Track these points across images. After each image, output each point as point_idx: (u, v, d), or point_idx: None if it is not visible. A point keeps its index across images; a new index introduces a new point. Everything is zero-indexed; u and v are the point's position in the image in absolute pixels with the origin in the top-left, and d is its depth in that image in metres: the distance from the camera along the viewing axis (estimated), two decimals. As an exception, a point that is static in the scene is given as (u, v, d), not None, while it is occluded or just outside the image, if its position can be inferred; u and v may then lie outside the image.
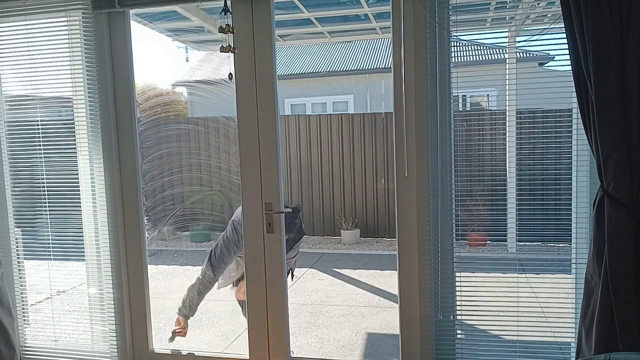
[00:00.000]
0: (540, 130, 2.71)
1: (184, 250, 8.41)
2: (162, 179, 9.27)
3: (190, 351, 3.09)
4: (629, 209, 1.91)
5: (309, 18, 4.20)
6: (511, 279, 2.47)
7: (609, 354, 1.56)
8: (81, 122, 2.81)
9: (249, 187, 2.73)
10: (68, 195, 2.87)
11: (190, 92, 12.48)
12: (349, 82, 11.47)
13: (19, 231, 3.01)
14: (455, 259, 2.48)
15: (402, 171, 2.49)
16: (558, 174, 2.63)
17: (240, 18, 2.62)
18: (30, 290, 3.09)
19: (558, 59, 2.19)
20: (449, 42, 2.36)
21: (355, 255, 7.65)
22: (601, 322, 1.95)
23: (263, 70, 2.63)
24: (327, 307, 5.36)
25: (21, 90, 2.94)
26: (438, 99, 2.39)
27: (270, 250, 2.74)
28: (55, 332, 3.01)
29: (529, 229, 2.65)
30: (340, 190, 8.60)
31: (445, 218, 2.45)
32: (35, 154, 2.89)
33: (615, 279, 1.91)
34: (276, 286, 2.76)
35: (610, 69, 1.86)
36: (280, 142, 2.72)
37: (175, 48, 16.13)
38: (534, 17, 2.60)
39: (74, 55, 2.75)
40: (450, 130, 2.41)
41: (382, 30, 4.74)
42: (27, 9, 2.75)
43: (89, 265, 2.89)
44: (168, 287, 6.31)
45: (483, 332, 2.56)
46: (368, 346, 4.35)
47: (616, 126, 1.88)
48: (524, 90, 2.41)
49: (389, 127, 8.09)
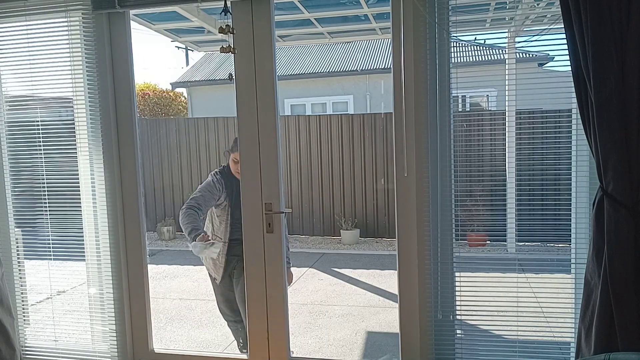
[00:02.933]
0: (540, 131, 2.71)
1: (184, 250, 8.41)
2: (162, 179, 9.28)
3: (190, 351, 3.09)
4: (629, 209, 1.91)
5: (309, 19, 4.20)
6: (511, 279, 2.47)
7: (609, 354, 1.56)
8: (81, 123, 2.81)
9: (249, 187, 2.73)
10: (68, 195, 2.87)
11: (190, 92, 12.49)
12: (348, 82, 11.47)
13: (19, 231, 3.01)
14: (455, 259, 2.48)
15: (402, 171, 2.49)
16: (558, 174, 2.64)
17: (240, 18, 2.62)
18: (31, 290, 3.09)
19: (558, 59, 2.20)
20: (448, 43, 2.37)
21: (355, 256, 7.66)
22: (601, 322, 1.95)
23: (263, 71, 2.64)
24: (327, 307, 5.36)
25: (21, 91, 2.94)
26: (438, 99, 2.40)
27: (270, 250, 2.74)
28: (55, 332, 3.01)
29: (528, 229, 2.66)
30: (340, 190, 8.60)
31: (445, 218, 2.45)
32: (35, 154, 2.89)
33: (614, 279, 1.92)
34: (276, 286, 2.76)
35: (610, 70, 1.86)
36: (280, 142, 2.72)
37: (175, 48, 16.12)
38: (533, 17, 2.60)
39: (74, 56, 2.75)
40: (450, 131, 2.41)
41: (382, 31, 4.73)
42: (27, 10, 2.75)
43: (89, 265, 2.89)
44: (168, 287, 6.31)
45: (483, 332, 2.56)
46: (368, 346, 4.35)
47: (616, 126, 1.88)
48: (524, 90, 2.41)
49: (388, 127, 8.09)
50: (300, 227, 8.79)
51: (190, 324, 4.99)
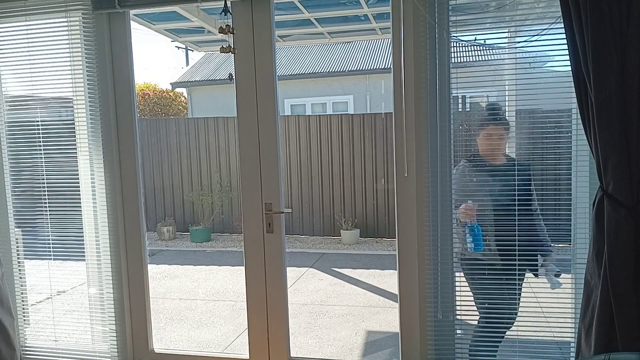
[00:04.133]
0: (540, 131, 2.71)
1: (184, 250, 8.41)
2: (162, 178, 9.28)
3: (190, 351, 3.09)
4: (629, 209, 1.91)
5: (309, 19, 4.19)
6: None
7: (609, 354, 1.56)
8: (81, 123, 2.81)
9: (249, 187, 2.73)
10: (68, 195, 2.87)
11: (190, 92, 12.49)
12: (348, 82, 11.47)
13: (19, 231, 3.02)
14: (455, 259, 2.48)
15: (402, 171, 2.49)
16: (558, 174, 2.63)
17: (240, 18, 2.62)
18: (31, 290, 3.09)
19: (558, 59, 2.20)
20: (448, 43, 2.37)
21: (355, 256, 7.66)
22: (601, 322, 1.95)
23: (263, 71, 2.64)
24: (327, 307, 5.36)
25: (22, 91, 2.94)
26: (438, 99, 2.40)
27: (270, 250, 2.74)
28: (55, 332, 3.01)
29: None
30: (340, 190, 8.60)
31: (445, 218, 2.45)
32: (35, 154, 2.89)
33: (614, 279, 1.92)
34: (276, 286, 2.76)
35: (610, 70, 1.86)
36: (280, 142, 2.72)
37: (175, 48, 16.13)
38: (533, 17, 2.60)
39: (74, 56, 2.76)
40: (450, 131, 2.41)
41: (382, 31, 4.73)
42: (27, 10, 2.75)
43: (89, 265, 2.89)
44: (168, 287, 6.32)
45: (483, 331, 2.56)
46: (368, 346, 4.35)
47: (616, 126, 1.88)
48: (524, 90, 2.41)
49: (388, 127, 8.09)
50: (300, 227, 8.79)
51: (190, 324, 4.99)
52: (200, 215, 9.05)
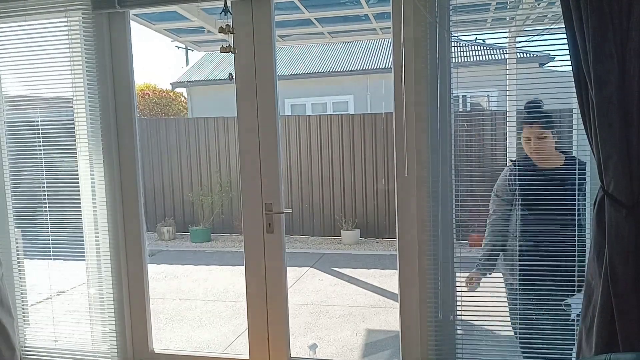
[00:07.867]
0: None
1: (184, 250, 8.41)
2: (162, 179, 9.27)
3: (190, 351, 3.09)
4: (630, 209, 1.90)
5: (309, 18, 4.19)
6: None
7: (609, 355, 1.56)
8: (81, 123, 2.81)
9: (249, 187, 2.73)
10: (68, 195, 2.87)
11: (190, 92, 12.49)
12: (349, 82, 11.47)
13: (19, 231, 3.01)
14: (455, 259, 2.48)
15: (402, 171, 2.48)
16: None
17: (240, 18, 2.62)
18: (30, 290, 3.09)
19: (558, 59, 2.19)
20: (449, 43, 2.36)
21: (356, 256, 7.66)
22: (602, 322, 1.95)
23: (263, 71, 2.63)
24: (327, 307, 5.36)
25: (21, 91, 2.94)
26: (438, 99, 2.39)
27: (270, 250, 2.73)
28: (55, 332, 3.01)
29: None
30: (340, 190, 8.60)
31: (445, 218, 2.45)
32: (35, 154, 2.89)
33: (615, 279, 1.91)
34: (276, 286, 2.76)
35: (611, 69, 1.86)
36: (280, 142, 2.72)
37: (175, 48, 16.12)
38: (534, 17, 2.60)
39: (74, 56, 2.75)
40: (451, 130, 2.41)
41: (382, 31, 4.73)
42: (27, 10, 2.75)
43: (89, 265, 2.89)
44: (168, 287, 6.31)
45: (483, 331, 2.55)
46: (368, 346, 4.35)
47: (616, 126, 1.88)
48: (524, 90, 2.41)
49: (389, 127, 8.09)
50: (300, 227, 8.79)
51: (190, 324, 4.99)
52: (200, 216, 9.05)
